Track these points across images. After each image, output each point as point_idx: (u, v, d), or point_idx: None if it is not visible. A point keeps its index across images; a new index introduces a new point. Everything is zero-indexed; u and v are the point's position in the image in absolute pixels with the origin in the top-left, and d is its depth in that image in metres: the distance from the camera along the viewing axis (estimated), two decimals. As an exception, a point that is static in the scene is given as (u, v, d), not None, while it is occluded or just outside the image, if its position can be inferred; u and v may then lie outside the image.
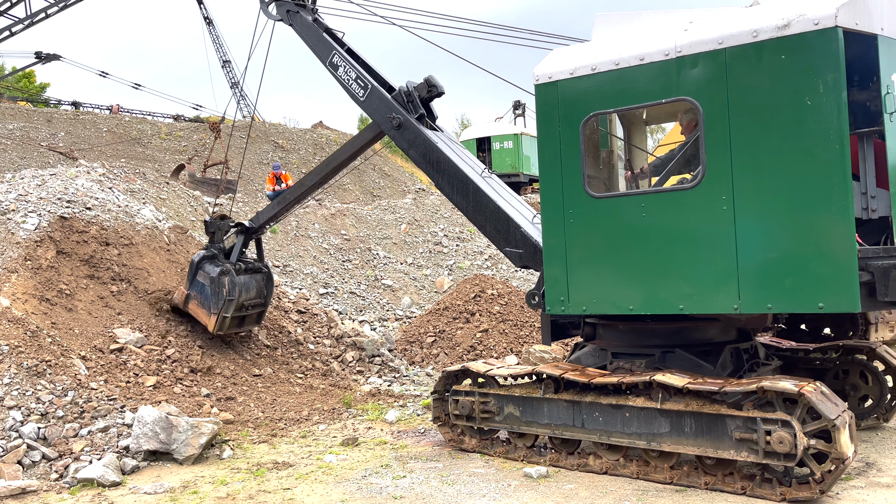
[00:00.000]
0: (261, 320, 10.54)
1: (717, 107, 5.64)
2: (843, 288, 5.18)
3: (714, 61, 5.66)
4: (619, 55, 6.13)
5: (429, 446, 7.44)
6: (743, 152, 5.53)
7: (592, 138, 6.54)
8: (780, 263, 5.40)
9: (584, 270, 6.33)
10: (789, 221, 5.37)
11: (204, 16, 55.36)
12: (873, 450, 6.62)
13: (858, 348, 7.47)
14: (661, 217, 5.91)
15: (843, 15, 5.22)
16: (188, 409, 8.31)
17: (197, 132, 36.36)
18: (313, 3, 9.31)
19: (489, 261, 19.41)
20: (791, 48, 5.35)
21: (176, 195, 18.37)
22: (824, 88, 5.22)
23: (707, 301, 5.72)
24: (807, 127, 5.28)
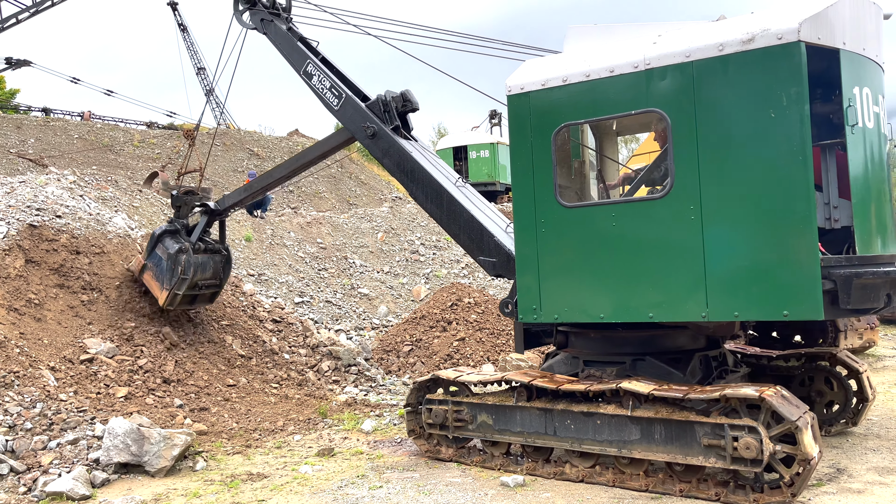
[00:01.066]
0: (213, 300, 10.65)
1: (685, 118, 5.77)
2: (807, 296, 5.32)
3: (682, 74, 5.79)
4: (589, 67, 6.25)
5: (405, 456, 7.41)
6: (710, 163, 5.67)
7: (564, 148, 6.65)
8: (746, 272, 5.54)
9: (556, 279, 6.43)
10: (755, 231, 5.51)
11: (178, 22, 54.92)
12: (844, 456, 6.73)
13: (820, 355, 7.62)
14: (631, 227, 6.04)
15: (805, 30, 5.38)
16: (161, 420, 8.19)
17: (171, 139, 35.99)
18: (287, 13, 9.33)
19: (466, 269, 19.43)
20: (755, 62, 5.50)
21: (149, 203, 18.15)
22: (788, 101, 5.36)
23: (676, 309, 5.85)
24: (771, 139, 5.43)
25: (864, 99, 5.75)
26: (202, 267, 9.95)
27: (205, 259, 10.02)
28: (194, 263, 9.76)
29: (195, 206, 10.30)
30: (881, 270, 5.51)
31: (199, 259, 9.87)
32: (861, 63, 5.81)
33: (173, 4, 53.51)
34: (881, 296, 5.56)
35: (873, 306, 5.55)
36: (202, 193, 10.73)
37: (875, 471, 6.24)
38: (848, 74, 5.64)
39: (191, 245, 9.81)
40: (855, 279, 5.34)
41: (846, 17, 5.71)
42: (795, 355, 7.78)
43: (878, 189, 5.94)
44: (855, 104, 5.64)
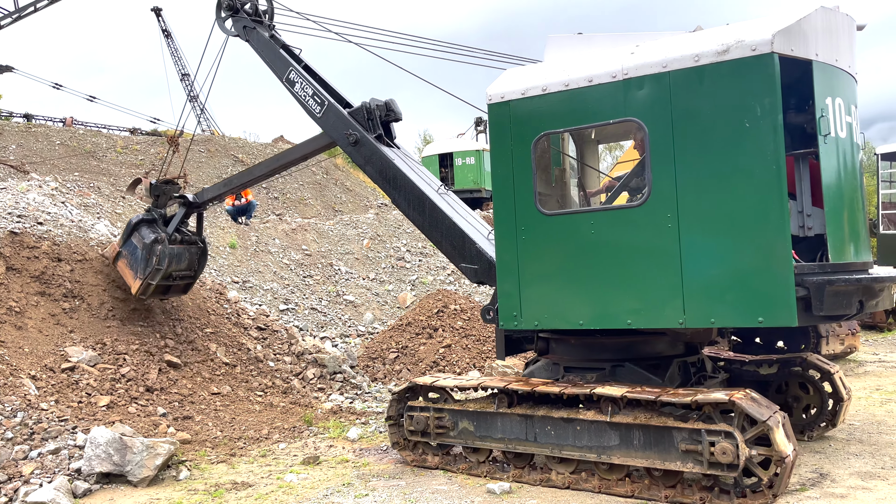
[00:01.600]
0: (187, 290, 10.70)
1: (662, 128, 5.87)
2: (781, 303, 5.42)
3: (659, 84, 5.89)
4: (568, 76, 6.34)
5: (391, 464, 7.39)
6: (686, 172, 5.77)
7: (543, 157, 6.73)
8: (721, 279, 5.64)
9: (536, 286, 6.51)
10: (730, 239, 5.61)
11: (162, 28, 54.67)
12: (827, 461, 6.79)
13: (793, 360, 7.73)
14: (610, 234, 6.13)
15: (778, 41, 5.49)
16: (143, 429, 8.12)
17: (154, 146, 35.77)
18: (270, 20, 9.33)
19: (452, 276, 19.45)
20: (730, 72, 5.60)
21: (132, 210, 18.02)
22: (761, 111, 5.47)
23: (653, 316, 5.94)
24: (745, 148, 5.54)
25: (836, 109, 5.87)
26: (177, 258, 9.94)
27: (180, 250, 10.00)
28: (169, 254, 9.75)
29: (173, 196, 10.29)
30: (853, 278, 5.62)
31: (174, 250, 9.86)
32: (834, 74, 5.92)
33: (157, 10, 53.29)
34: (853, 302, 5.67)
35: (846, 312, 5.67)
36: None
37: (858, 475, 6.31)
38: (821, 85, 5.76)
39: (167, 236, 9.80)
40: (827, 286, 5.44)
41: (819, 28, 5.82)
42: (768, 361, 7.89)
43: (850, 198, 6.07)
44: (828, 114, 5.76)
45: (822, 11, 5.88)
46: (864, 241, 6.32)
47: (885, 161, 17.88)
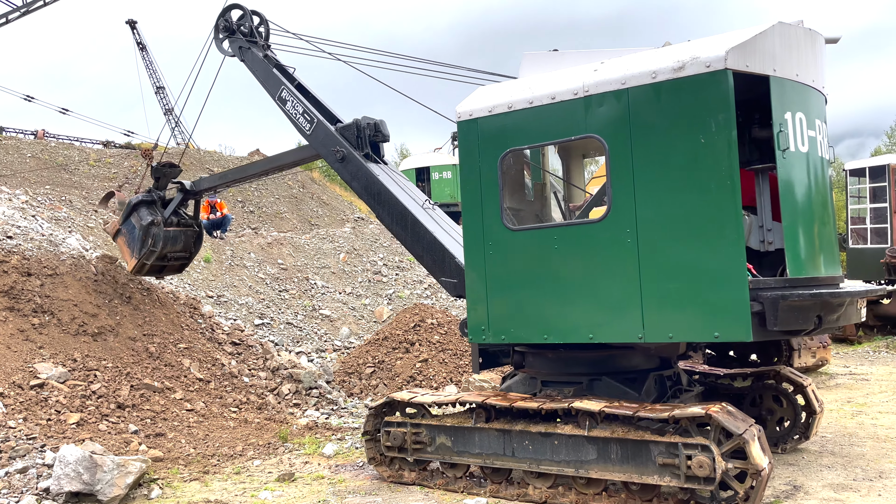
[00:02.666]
0: (182, 270, 11.17)
1: (621, 144, 5.95)
2: (736, 318, 5.45)
3: (618, 101, 5.98)
4: (532, 94, 6.45)
5: (368, 480, 7.33)
6: (645, 187, 5.84)
7: (509, 173, 6.82)
8: (679, 294, 5.69)
9: (503, 300, 6.59)
10: (687, 254, 5.66)
11: (137, 41, 54.26)
12: (800, 473, 6.87)
13: (766, 373, 7.83)
14: (572, 249, 6.22)
15: (732, 58, 5.55)
16: (114, 446, 7.97)
17: (128, 159, 35.38)
18: (266, 40, 9.61)
19: (429, 290, 19.43)
20: (686, 89, 5.68)
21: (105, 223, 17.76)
22: (716, 127, 5.53)
23: (614, 330, 6.00)
24: (701, 164, 5.60)
25: (797, 124, 5.90)
26: (173, 240, 10.33)
27: (176, 233, 10.37)
28: (164, 236, 10.15)
29: (172, 178, 10.70)
30: (808, 293, 5.60)
31: (170, 232, 10.25)
32: (794, 89, 5.96)
33: (132, 23, 52.90)
34: (811, 317, 5.65)
35: (802, 328, 5.65)
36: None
37: (830, 487, 6.38)
38: (779, 100, 5.80)
39: (163, 219, 10.16)
40: (781, 301, 5.45)
41: (776, 44, 5.87)
42: (743, 374, 7.98)
43: (814, 212, 6.08)
44: (787, 129, 5.79)
45: (781, 27, 5.92)
46: (832, 255, 6.34)
47: (854, 177, 18.27)
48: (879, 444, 7.83)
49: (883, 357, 14.84)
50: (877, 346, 16.17)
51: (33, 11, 24.39)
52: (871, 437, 8.20)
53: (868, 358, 14.79)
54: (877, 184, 17.48)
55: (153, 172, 10.69)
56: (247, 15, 9.59)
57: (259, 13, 9.73)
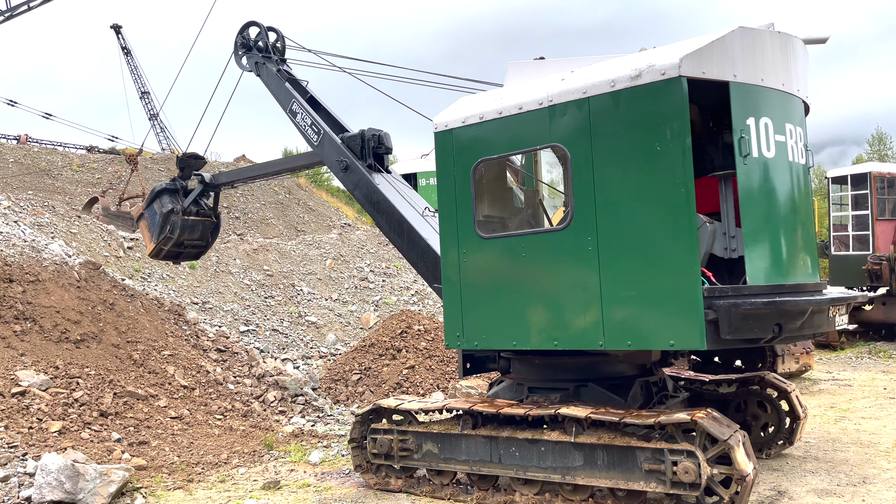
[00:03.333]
0: (199, 257, 11.79)
1: (583, 153, 6.00)
2: (690, 326, 5.44)
3: (580, 110, 6.03)
4: (502, 104, 6.55)
5: (354, 487, 7.29)
6: (605, 196, 5.88)
7: (481, 182, 6.92)
8: (636, 302, 5.70)
9: (476, 307, 6.69)
10: (643, 262, 5.68)
11: (122, 46, 54.00)
12: (784, 478, 6.91)
13: (751, 379, 7.88)
14: (538, 257, 6.28)
15: (686, 65, 5.53)
16: (97, 455, 7.88)
17: (112, 164, 35.14)
18: (281, 55, 10.01)
19: (416, 296, 19.41)
20: (642, 97, 5.70)
21: (88, 229, 17.62)
22: (671, 135, 5.53)
23: (577, 337, 6.04)
24: (657, 172, 5.61)
25: (762, 129, 5.84)
26: (191, 228, 10.88)
27: (194, 222, 10.90)
28: (182, 225, 10.69)
29: (196, 169, 11.18)
30: (762, 301, 5.49)
31: (188, 221, 10.78)
32: (759, 93, 5.85)
33: (117, 27, 52.64)
34: (768, 326, 5.55)
35: (759, 336, 5.56)
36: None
37: (814, 493, 6.43)
38: (740, 106, 5.76)
39: (182, 207, 10.66)
40: (734, 309, 5.41)
41: (737, 49, 5.81)
42: (728, 380, 8.02)
43: (779, 218, 5.98)
44: (749, 135, 5.75)
45: (742, 32, 5.87)
46: (805, 261, 6.25)
47: (836, 184, 18.47)
48: (863, 450, 7.90)
49: (865, 363, 14.99)
50: (859, 351, 16.34)
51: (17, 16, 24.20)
52: (854, 442, 8.27)
53: (851, 364, 14.93)
54: (859, 191, 17.68)
55: (178, 162, 11.20)
56: (262, 31, 9.98)
57: (275, 29, 10.10)
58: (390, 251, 23.44)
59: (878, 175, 17.45)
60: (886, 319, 16.97)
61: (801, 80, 6.34)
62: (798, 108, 6.27)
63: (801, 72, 6.35)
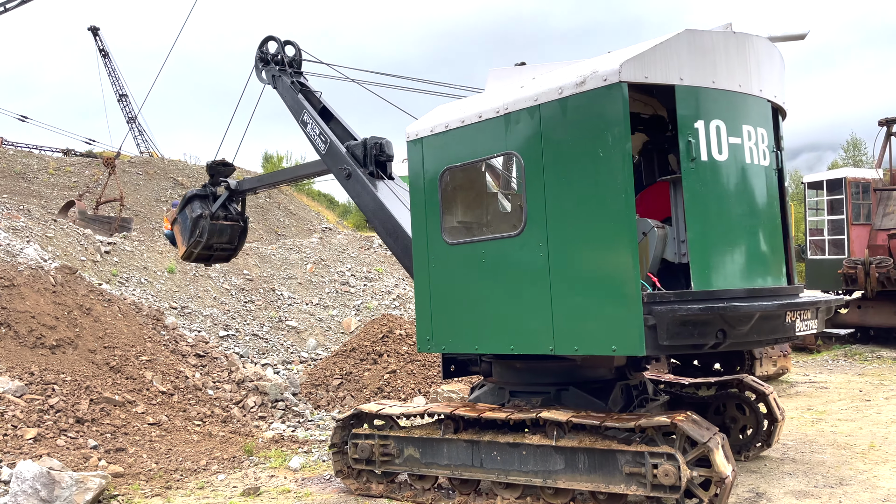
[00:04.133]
0: (229, 259, 12.22)
1: (535, 159, 6.07)
2: (630, 331, 5.45)
3: (531, 117, 6.10)
4: (464, 113, 6.67)
5: (335, 493, 7.25)
6: (554, 202, 5.94)
7: (447, 189, 7.05)
8: (582, 308, 5.75)
9: (443, 311, 6.84)
10: (588, 268, 5.73)
11: (99, 48, 53.45)
12: (762, 480, 6.98)
13: (730, 382, 7.94)
14: (496, 262, 6.39)
15: (627, 70, 5.53)
16: (73, 462, 7.76)
17: (89, 167, 34.72)
18: (296, 67, 10.40)
19: (397, 300, 19.37)
20: (586, 104, 5.74)
21: (64, 233, 17.40)
22: (612, 141, 5.56)
23: (530, 342, 6.12)
24: (600, 178, 5.65)
25: (712, 132, 5.80)
26: (219, 232, 11.35)
27: (223, 226, 11.39)
28: (210, 229, 11.17)
29: (225, 175, 11.69)
30: (699, 307, 5.40)
31: (216, 225, 11.28)
32: (710, 96, 5.78)
33: (94, 29, 52.07)
34: (710, 332, 5.45)
35: (700, 342, 5.47)
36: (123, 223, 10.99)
37: (792, 494, 6.50)
38: (687, 109, 5.72)
39: (210, 213, 11.16)
40: (670, 315, 5.33)
41: (683, 52, 5.76)
42: (707, 383, 8.09)
43: (732, 221, 5.88)
44: (697, 138, 5.72)
45: (689, 34, 5.76)
46: (769, 266, 6.12)
47: (812, 189, 18.73)
48: (839, 452, 8.01)
49: (841, 365, 15.20)
50: (835, 354, 16.57)
51: None
52: (830, 444, 8.38)
53: (827, 366, 15.13)
54: (834, 196, 17.95)
55: (208, 169, 11.67)
56: (280, 46, 10.40)
57: (293, 42, 10.48)
58: (371, 255, 23.37)
59: (852, 180, 17.73)
60: (861, 323, 17.23)
61: (767, 80, 6.22)
62: (761, 109, 6.15)
63: (767, 72, 6.23)
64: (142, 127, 54.55)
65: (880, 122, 18.36)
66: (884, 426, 9.24)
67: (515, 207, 6.46)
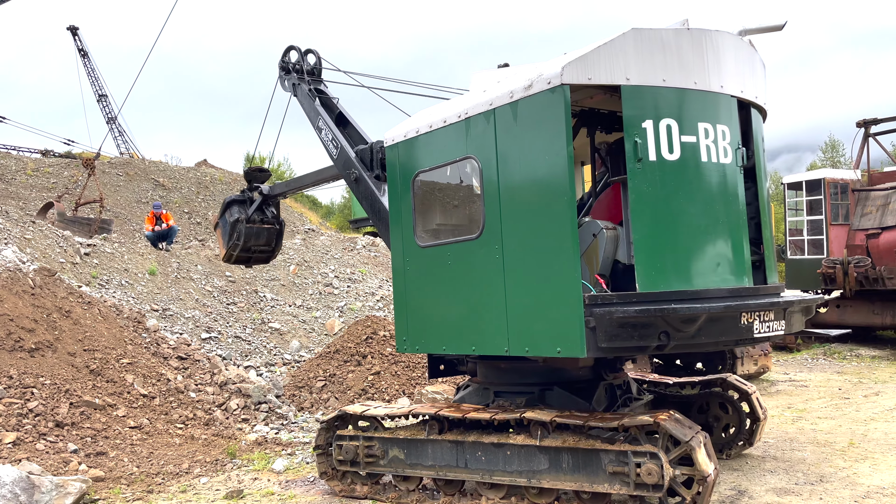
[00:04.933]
0: (268, 261, 12.68)
1: (490, 163, 6.16)
2: (571, 333, 5.47)
3: (487, 121, 6.18)
4: (432, 119, 6.79)
5: (319, 495, 7.22)
6: (508, 205, 6.01)
7: (419, 194, 7.18)
8: (531, 309, 5.81)
9: (416, 312, 7.03)
10: (536, 270, 5.78)
11: (78, 48, 52.85)
12: (744, 478, 7.04)
13: (713, 381, 8.00)
14: (459, 265, 6.50)
15: (569, 73, 5.52)
16: (53, 466, 7.66)
17: (68, 168, 34.32)
18: (314, 76, 10.76)
19: (381, 302, 19.32)
20: (533, 107, 5.78)
21: (43, 235, 17.18)
22: (556, 143, 5.58)
23: (489, 343, 6.20)
24: (545, 180, 5.69)
25: (662, 131, 5.64)
26: (256, 235, 11.83)
27: (259, 229, 11.85)
28: (247, 232, 11.66)
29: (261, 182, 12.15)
30: (634, 309, 5.33)
31: (253, 228, 11.75)
32: (660, 95, 5.66)
33: (74, 29, 51.49)
34: (652, 334, 5.35)
35: (641, 345, 5.38)
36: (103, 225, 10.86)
37: (773, 492, 6.57)
38: (634, 109, 5.60)
39: (246, 217, 11.65)
40: (607, 317, 5.31)
41: (630, 52, 5.62)
42: (691, 383, 8.15)
43: (684, 222, 5.72)
44: (644, 138, 5.64)
45: (635, 33, 5.66)
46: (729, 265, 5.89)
47: (791, 190, 18.95)
48: (819, 449, 8.10)
49: (821, 364, 15.38)
50: (815, 353, 16.76)
51: None
52: (811, 441, 8.48)
53: (807, 365, 15.31)
54: (813, 197, 18.16)
55: (245, 176, 12.19)
56: (300, 55, 10.75)
57: (314, 51, 10.82)
58: (355, 257, 23.31)
59: (831, 181, 17.95)
60: (840, 322, 17.45)
61: (731, 75, 6.03)
62: (722, 106, 5.95)
63: (730, 67, 6.04)
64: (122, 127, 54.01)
65: (858, 124, 18.61)
66: (863, 424, 9.36)
67: (476, 211, 6.47)
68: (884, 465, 7.31)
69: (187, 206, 32.51)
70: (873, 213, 16.97)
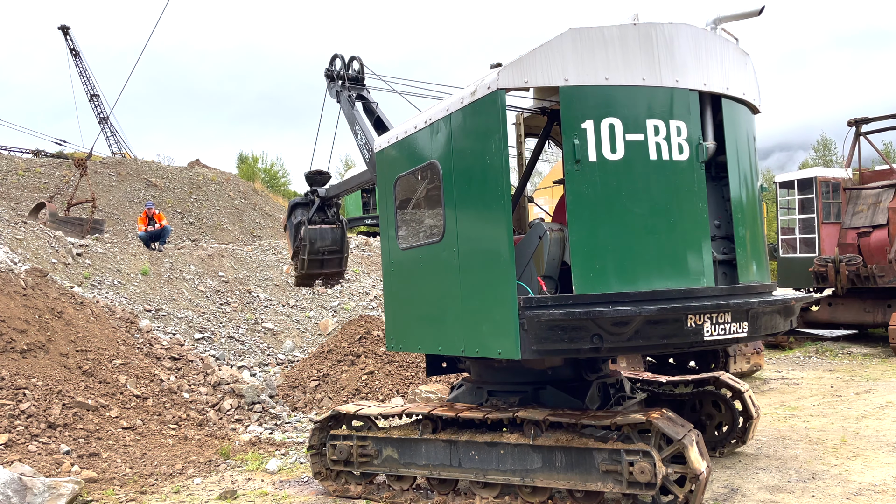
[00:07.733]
0: (343, 265, 12.92)
1: (448, 167, 6.30)
2: (508, 335, 5.54)
3: (446, 127, 6.33)
4: (408, 125, 7.03)
5: (312, 495, 7.21)
6: (461, 208, 6.14)
7: (399, 197, 7.34)
8: (479, 312, 5.92)
9: (399, 312, 7.26)
10: (481, 272, 5.89)
11: (70, 47, 52.62)
12: (737, 476, 7.07)
13: (706, 380, 8.04)
14: (427, 267, 6.69)
15: (505, 77, 5.56)
16: (45, 468, 7.63)
17: (60, 168, 34.17)
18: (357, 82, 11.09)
19: (374, 301, 19.31)
20: (476, 112, 5.89)
21: (35, 235, 17.11)
22: (495, 147, 5.66)
23: (449, 343, 6.37)
24: (487, 184, 5.78)
25: (604, 131, 5.50)
26: (321, 236, 12.12)
27: (324, 230, 12.14)
28: (311, 233, 11.97)
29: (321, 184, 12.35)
30: (560, 311, 5.27)
31: (316, 230, 12.07)
32: (602, 94, 5.52)
33: (65, 28, 51.23)
34: (584, 337, 5.25)
35: (573, 347, 5.29)
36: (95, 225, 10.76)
37: (766, 489, 6.60)
38: (573, 110, 5.49)
39: (307, 219, 11.96)
40: (535, 320, 5.28)
41: (568, 53, 5.51)
42: (684, 381, 8.18)
43: (627, 222, 5.55)
44: (584, 139, 5.46)
45: (574, 33, 5.53)
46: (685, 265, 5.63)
47: (783, 189, 19.03)
48: (811, 447, 8.14)
49: (813, 362, 15.46)
50: (807, 351, 16.84)
51: None
52: (803, 439, 8.52)
53: (799, 363, 15.38)
54: (805, 195, 18.25)
55: (306, 179, 12.38)
56: (343, 62, 11.09)
57: (357, 58, 11.06)
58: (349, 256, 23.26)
59: (823, 180, 18.03)
60: (832, 320, 17.54)
61: (689, 69, 5.78)
62: (677, 101, 5.69)
63: (689, 61, 5.79)
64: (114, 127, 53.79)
65: (849, 123, 18.70)
66: (854, 421, 9.41)
67: (440, 214, 6.53)
68: (875, 463, 7.35)
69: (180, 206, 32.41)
70: (864, 212, 17.05)
